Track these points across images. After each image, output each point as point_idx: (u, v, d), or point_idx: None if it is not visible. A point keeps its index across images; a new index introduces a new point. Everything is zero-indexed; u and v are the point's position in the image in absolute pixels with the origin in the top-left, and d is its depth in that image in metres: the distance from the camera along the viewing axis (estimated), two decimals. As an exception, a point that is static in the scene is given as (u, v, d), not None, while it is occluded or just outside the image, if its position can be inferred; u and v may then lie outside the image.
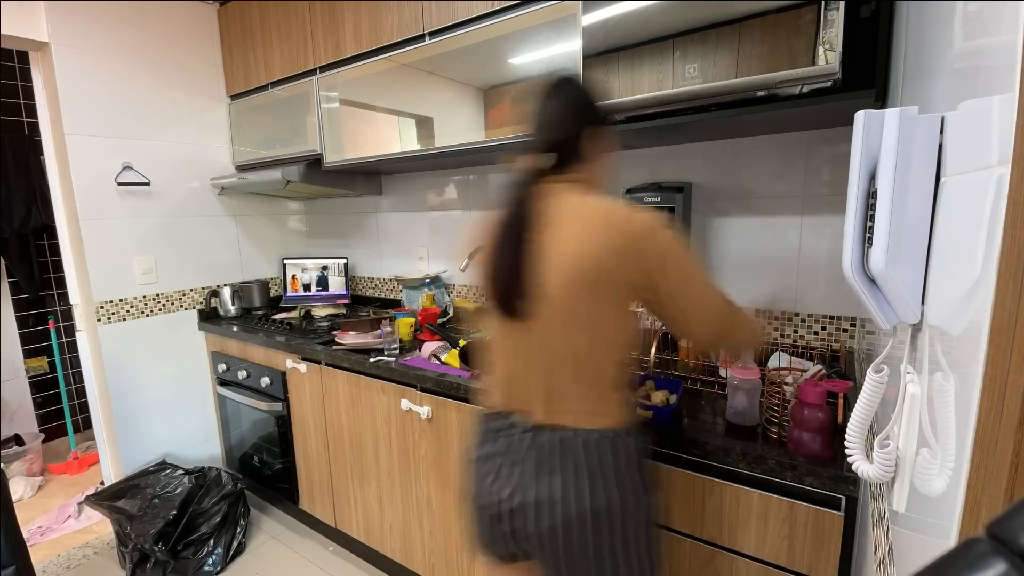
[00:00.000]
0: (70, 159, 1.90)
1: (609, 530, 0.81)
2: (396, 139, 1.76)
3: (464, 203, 2.08)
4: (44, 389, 2.95)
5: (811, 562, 0.93)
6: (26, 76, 2.74)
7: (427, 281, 2.10)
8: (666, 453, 1.07)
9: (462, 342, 1.63)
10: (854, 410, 0.57)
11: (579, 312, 0.81)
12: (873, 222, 0.47)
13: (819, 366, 1.18)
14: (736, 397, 1.06)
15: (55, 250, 2.90)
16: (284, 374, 1.96)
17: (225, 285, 2.35)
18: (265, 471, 2.20)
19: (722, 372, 1.28)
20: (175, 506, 1.82)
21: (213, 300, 2.33)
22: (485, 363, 0.97)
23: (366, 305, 2.44)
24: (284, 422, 2.02)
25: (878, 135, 0.47)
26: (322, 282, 2.49)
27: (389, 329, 1.68)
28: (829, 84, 0.94)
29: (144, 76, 2.08)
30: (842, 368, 1.29)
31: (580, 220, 0.82)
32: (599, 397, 0.85)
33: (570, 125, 0.88)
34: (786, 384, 1.02)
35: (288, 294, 2.50)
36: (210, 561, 1.87)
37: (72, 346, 2.94)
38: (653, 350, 1.22)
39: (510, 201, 0.88)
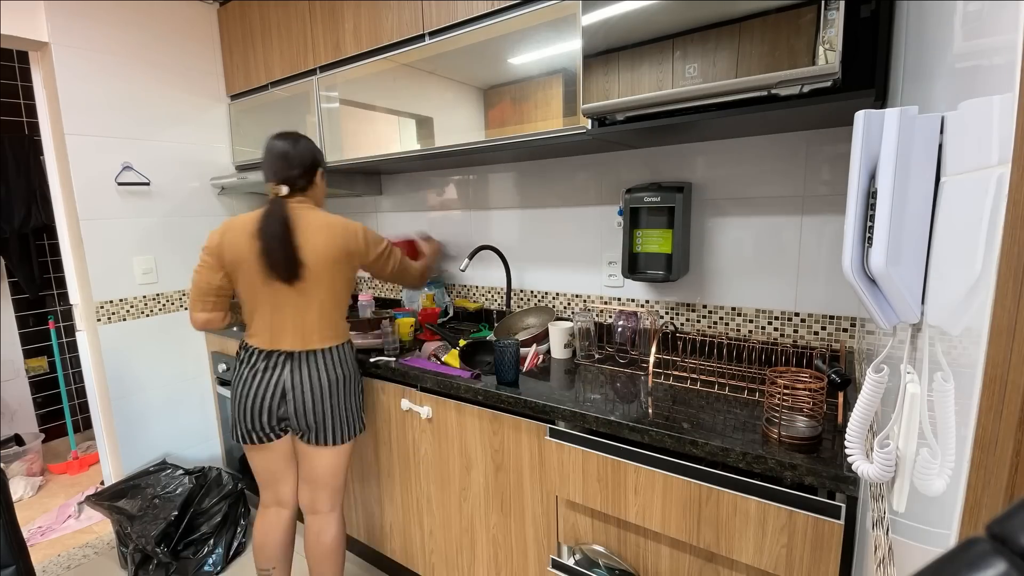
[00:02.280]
0: (70, 159, 1.90)
1: (337, 392, 1.43)
2: (396, 139, 1.76)
3: (464, 203, 2.08)
4: (44, 389, 2.95)
5: (810, 571, 0.92)
6: (26, 76, 2.75)
7: (427, 281, 2.10)
8: (664, 460, 1.07)
9: (462, 342, 1.63)
10: (854, 410, 0.57)
11: (325, 279, 1.37)
12: (873, 222, 0.47)
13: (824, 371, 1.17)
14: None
15: (55, 250, 2.91)
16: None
17: (225, 285, 2.34)
18: (265, 471, 2.20)
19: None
20: (176, 506, 1.82)
21: (213, 300, 2.32)
22: (249, 316, 1.43)
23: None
24: (284, 422, 2.02)
25: (878, 135, 0.47)
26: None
27: (389, 329, 1.68)
28: (829, 84, 0.94)
29: (144, 76, 2.08)
30: (842, 368, 1.29)
31: (322, 225, 1.36)
32: (332, 327, 1.43)
33: (308, 169, 1.41)
34: (785, 389, 1.01)
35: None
36: (210, 561, 1.87)
37: (72, 346, 2.95)
38: (653, 349, 1.22)
39: (274, 212, 1.34)
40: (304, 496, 1.51)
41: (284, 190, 1.36)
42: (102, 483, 2.24)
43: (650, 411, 1.16)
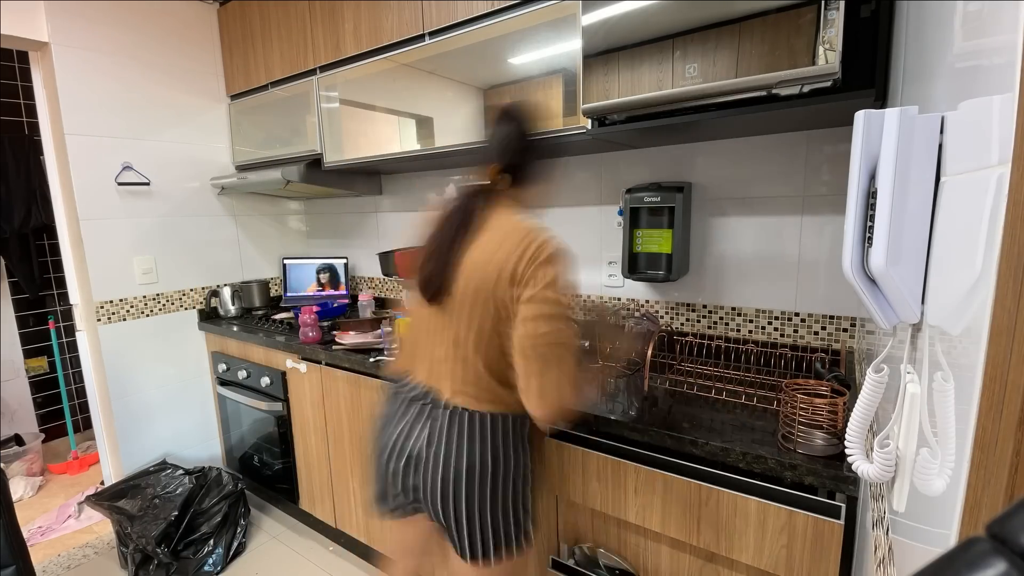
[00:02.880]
0: (70, 159, 1.90)
1: (482, 480, 0.96)
2: (396, 139, 1.76)
3: (464, 203, 2.08)
4: (44, 389, 2.95)
5: (810, 571, 0.92)
6: (26, 76, 2.74)
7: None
8: (664, 460, 1.07)
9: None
10: (854, 410, 0.57)
11: (471, 313, 0.94)
12: (873, 222, 0.47)
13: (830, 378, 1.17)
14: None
15: (55, 250, 2.90)
16: (284, 374, 1.97)
17: (225, 285, 2.35)
18: (265, 471, 2.20)
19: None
20: (176, 507, 1.82)
21: (213, 300, 2.33)
22: (403, 337, 1.10)
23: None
24: (284, 422, 2.02)
25: (878, 135, 0.47)
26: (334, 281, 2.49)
27: (389, 329, 1.68)
28: (829, 84, 0.94)
29: (144, 76, 2.08)
30: (842, 371, 1.30)
31: (500, 232, 0.95)
32: (474, 382, 0.97)
33: (523, 153, 1.02)
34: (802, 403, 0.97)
35: (288, 294, 2.50)
36: (210, 561, 1.87)
37: (72, 346, 2.94)
38: (650, 350, 1.22)
39: (458, 205, 1.00)
40: None
41: (505, 180, 1.00)
42: (102, 483, 2.24)
43: (649, 412, 1.16)
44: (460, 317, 0.95)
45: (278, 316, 2.25)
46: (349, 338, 1.78)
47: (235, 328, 2.14)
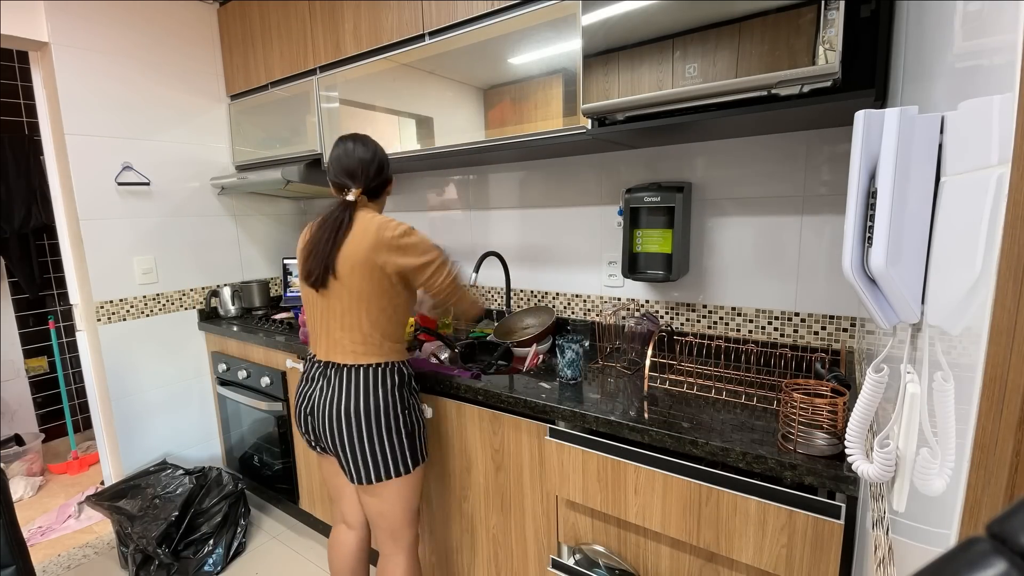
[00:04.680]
0: (70, 159, 1.90)
1: (366, 423, 1.23)
2: (396, 139, 1.76)
3: (464, 203, 2.08)
4: (44, 389, 2.95)
5: (810, 571, 0.92)
6: (26, 76, 2.74)
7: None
8: (664, 459, 1.07)
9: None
10: (854, 410, 0.57)
11: (353, 288, 1.22)
12: (873, 222, 0.47)
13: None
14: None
15: (55, 250, 2.91)
16: (284, 374, 1.97)
17: (225, 285, 2.35)
18: (265, 471, 2.20)
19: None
20: (176, 507, 1.82)
21: (213, 300, 2.33)
22: (307, 323, 1.36)
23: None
24: (284, 422, 2.02)
25: (878, 135, 0.47)
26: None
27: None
28: (829, 84, 0.94)
29: (144, 76, 2.08)
30: (842, 371, 1.30)
31: (361, 228, 1.22)
32: (363, 343, 1.25)
33: (383, 176, 1.31)
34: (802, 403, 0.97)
35: (288, 294, 2.50)
36: (210, 561, 1.87)
37: (72, 346, 2.95)
38: (650, 350, 1.22)
39: (330, 215, 1.26)
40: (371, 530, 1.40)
41: (355, 196, 1.26)
42: (102, 483, 2.24)
43: (649, 411, 1.16)
44: (345, 295, 1.23)
45: (278, 316, 2.25)
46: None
47: (235, 328, 2.14)
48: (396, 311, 1.28)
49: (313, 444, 1.35)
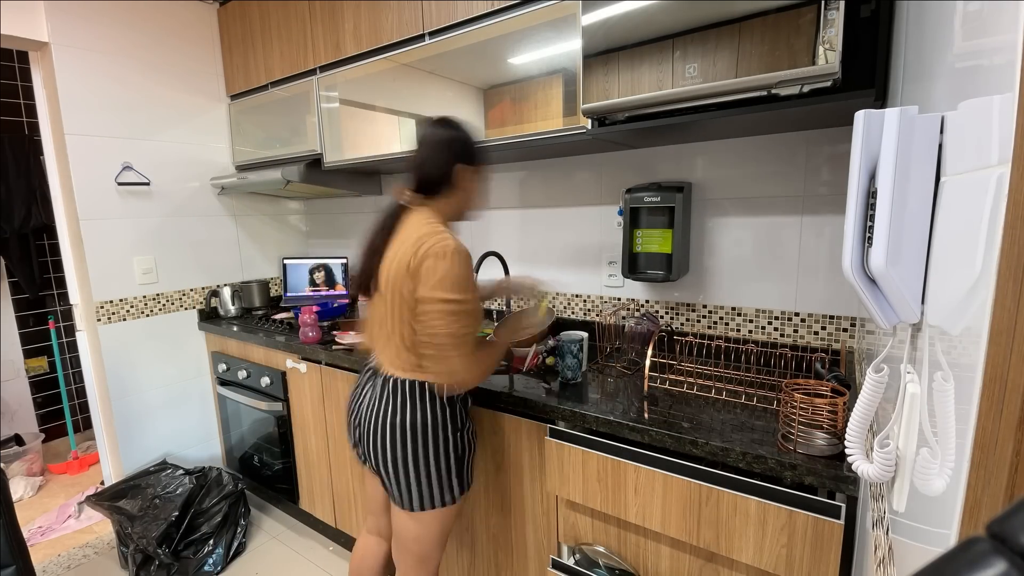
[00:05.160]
0: (70, 159, 1.90)
1: (412, 440, 1.12)
2: (396, 139, 1.76)
3: (464, 203, 2.08)
4: (44, 389, 2.95)
5: (810, 571, 0.92)
6: (26, 76, 2.74)
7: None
8: (664, 459, 1.07)
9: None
10: (854, 410, 0.57)
11: (387, 303, 1.13)
12: (873, 222, 0.47)
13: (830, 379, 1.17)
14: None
15: (55, 250, 2.91)
16: (284, 374, 1.97)
17: (225, 285, 2.35)
18: (265, 471, 2.20)
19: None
20: (177, 507, 1.82)
21: (213, 300, 2.33)
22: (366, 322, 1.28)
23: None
24: (284, 422, 2.02)
25: (878, 135, 0.47)
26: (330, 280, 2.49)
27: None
28: (829, 84, 0.94)
29: (144, 76, 2.08)
30: (842, 371, 1.30)
31: (404, 237, 1.10)
32: (403, 359, 1.14)
33: (438, 166, 1.13)
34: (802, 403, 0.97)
35: (288, 294, 2.50)
36: (210, 561, 1.87)
37: (72, 346, 2.95)
38: (650, 350, 1.22)
39: (381, 218, 1.17)
40: (393, 547, 1.29)
41: (407, 197, 1.15)
42: (102, 483, 2.24)
43: (649, 411, 1.16)
44: (385, 304, 1.14)
45: (278, 316, 2.25)
46: (349, 338, 1.78)
47: (235, 328, 2.14)
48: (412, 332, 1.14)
49: (362, 459, 1.24)
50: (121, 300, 2.06)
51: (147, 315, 2.15)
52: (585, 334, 1.41)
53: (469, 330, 1.08)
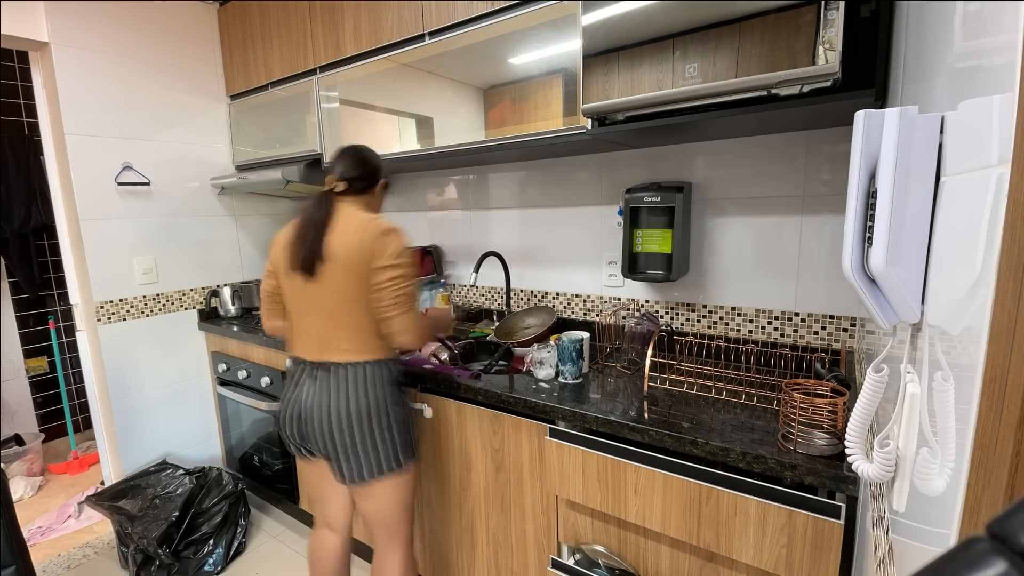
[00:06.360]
0: (70, 159, 1.90)
1: (358, 422, 1.23)
2: (396, 139, 1.76)
3: (464, 203, 2.08)
4: (44, 389, 2.95)
5: (810, 571, 0.92)
6: (26, 76, 2.74)
7: (440, 281, 2.10)
8: (664, 459, 1.07)
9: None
10: (854, 410, 0.57)
11: (340, 286, 1.20)
12: (873, 222, 0.47)
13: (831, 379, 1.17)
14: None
15: (55, 250, 2.90)
16: (284, 374, 1.96)
17: (225, 285, 2.35)
18: (265, 471, 2.20)
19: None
20: (177, 507, 1.82)
21: (213, 300, 2.33)
22: (289, 325, 1.34)
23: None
24: (284, 422, 2.02)
25: (878, 135, 0.47)
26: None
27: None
28: (829, 84, 0.94)
29: (144, 76, 2.08)
30: (842, 371, 1.30)
31: (359, 223, 1.22)
32: (353, 340, 1.23)
33: (361, 171, 1.30)
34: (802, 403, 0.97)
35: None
36: (210, 561, 1.87)
37: (72, 346, 2.95)
38: (650, 350, 1.22)
39: (314, 204, 1.26)
40: (363, 529, 1.38)
41: (341, 186, 1.27)
42: (102, 483, 2.24)
43: (649, 411, 1.16)
44: (332, 290, 1.21)
45: (278, 316, 2.25)
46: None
47: (235, 328, 2.14)
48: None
49: (300, 448, 1.32)
50: (121, 300, 2.06)
51: (147, 315, 2.15)
52: (586, 334, 1.41)
53: (416, 290, 1.27)
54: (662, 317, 1.63)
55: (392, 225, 1.23)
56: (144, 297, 2.13)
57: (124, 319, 2.07)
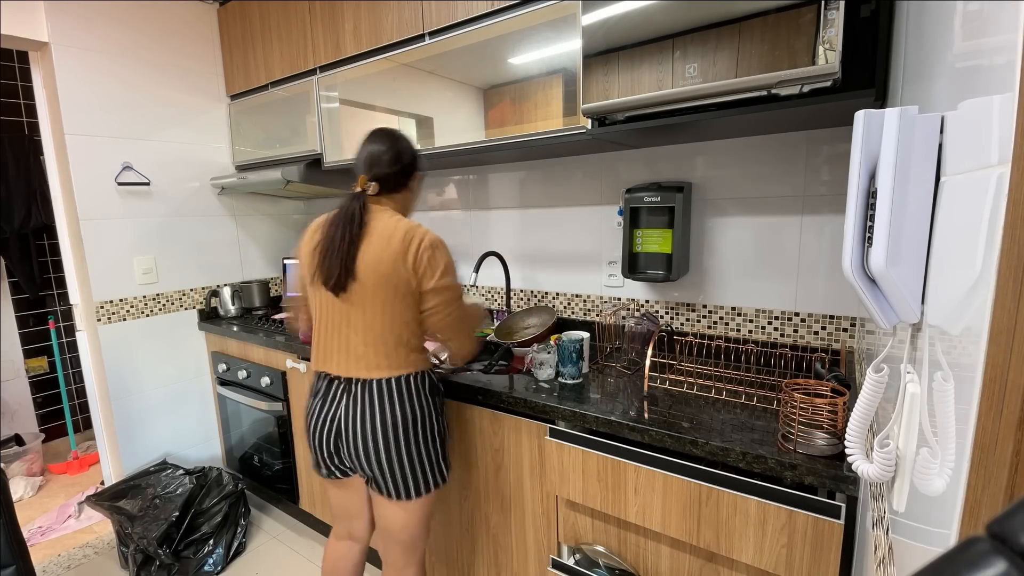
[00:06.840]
0: (70, 159, 1.90)
1: (404, 435, 1.18)
2: (396, 139, 1.76)
3: (464, 203, 2.08)
4: (44, 389, 2.95)
5: (810, 571, 0.92)
6: (26, 76, 2.74)
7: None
8: (664, 459, 1.07)
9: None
10: (854, 410, 0.57)
11: (377, 300, 1.14)
12: (873, 222, 0.47)
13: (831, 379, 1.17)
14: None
15: (55, 250, 2.90)
16: (284, 374, 1.97)
17: (225, 285, 2.35)
18: (265, 471, 2.20)
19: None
20: (177, 507, 1.82)
21: (213, 300, 2.33)
22: (315, 338, 1.26)
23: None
24: (284, 422, 2.02)
25: (878, 135, 0.47)
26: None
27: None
28: (829, 84, 0.94)
29: (144, 76, 2.08)
30: (842, 371, 1.30)
31: (382, 232, 1.14)
32: (388, 355, 1.17)
33: (396, 168, 1.21)
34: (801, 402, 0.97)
35: (289, 294, 2.50)
36: (210, 561, 1.87)
37: (72, 346, 2.94)
38: (650, 350, 1.22)
39: (343, 207, 1.18)
40: (378, 543, 1.33)
41: (373, 188, 1.18)
42: (102, 483, 2.24)
43: (649, 411, 1.16)
44: (367, 304, 1.15)
45: (278, 316, 2.25)
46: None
47: (235, 328, 2.14)
48: (421, 324, 1.22)
49: (336, 468, 1.25)
50: (121, 300, 2.06)
51: (147, 315, 2.15)
52: (586, 334, 1.41)
53: (467, 309, 1.24)
54: (662, 317, 1.63)
55: (436, 238, 1.16)
56: (144, 297, 2.13)
57: (124, 319, 2.07)
